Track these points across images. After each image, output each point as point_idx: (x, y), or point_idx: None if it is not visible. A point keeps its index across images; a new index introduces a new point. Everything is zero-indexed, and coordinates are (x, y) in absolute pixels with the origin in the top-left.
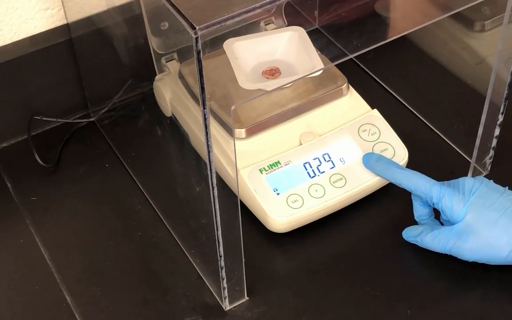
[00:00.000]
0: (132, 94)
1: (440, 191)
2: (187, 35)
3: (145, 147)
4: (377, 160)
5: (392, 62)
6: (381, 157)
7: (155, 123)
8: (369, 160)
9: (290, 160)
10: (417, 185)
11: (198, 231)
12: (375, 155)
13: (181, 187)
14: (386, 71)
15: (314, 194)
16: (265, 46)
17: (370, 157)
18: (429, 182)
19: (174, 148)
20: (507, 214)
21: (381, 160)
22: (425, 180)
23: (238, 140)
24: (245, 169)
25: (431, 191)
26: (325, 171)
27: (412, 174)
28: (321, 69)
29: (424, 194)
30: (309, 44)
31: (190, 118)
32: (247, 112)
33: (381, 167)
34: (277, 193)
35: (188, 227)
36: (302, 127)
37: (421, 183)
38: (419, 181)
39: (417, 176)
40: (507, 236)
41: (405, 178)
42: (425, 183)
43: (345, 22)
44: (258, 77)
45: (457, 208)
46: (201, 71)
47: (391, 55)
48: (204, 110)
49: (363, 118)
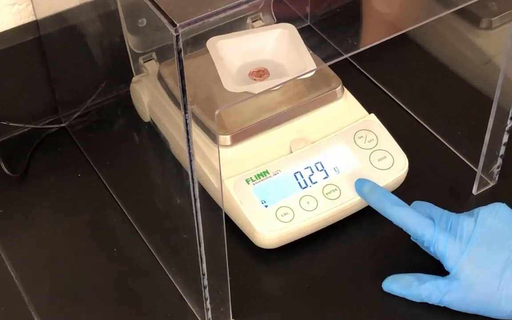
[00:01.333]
0: (107, 97)
1: (433, 236)
2: (167, 32)
3: (121, 155)
4: (370, 190)
5: (391, 63)
6: (374, 187)
7: (132, 129)
8: (362, 188)
9: (280, 170)
10: (408, 225)
11: (179, 247)
12: (368, 184)
13: (160, 199)
14: (385, 72)
15: (306, 207)
16: (252, 44)
17: (362, 185)
18: (421, 223)
19: (153, 156)
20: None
21: (374, 191)
22: (417, 220)
23: (222, 147)
24: (231, 179)
25: (423, 234)
26: (318, 182)
27: (405, 212)
28: (313, 70)
29: (415, 235)
30: (300, 42)
31: (170, 124)
32: (233, 117)
33: (373, 198)
34: (265, 205)
35: (168, 243)
36: (292, 133)
37: (412, 223)
38: (410, 221)
39: (409, 214)
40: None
41: (396, 215)
42: (416, 224)
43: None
44: (244, 79)
45: (452, 257)
46: (182, 72)
47: (390, 55)
48: (185, 115)
49: (359, 123)
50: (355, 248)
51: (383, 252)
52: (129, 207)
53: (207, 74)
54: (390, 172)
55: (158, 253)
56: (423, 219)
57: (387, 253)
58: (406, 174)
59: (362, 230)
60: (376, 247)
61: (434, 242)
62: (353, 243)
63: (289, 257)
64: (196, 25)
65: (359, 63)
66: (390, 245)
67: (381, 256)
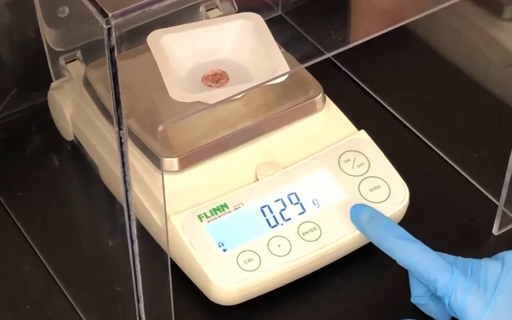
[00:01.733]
0: (17, 108)
1: (451, 282)
2: (95, 25)
3: (37, 185)
4: (369, 219)
5: (387, 64)
6: (375, 215)
7: (50, 150)
8: (359, 216)
9: (242, 203)
10: (418, 265)
11: (111, 303)
12: (368, 211)
13: (87, 241)
14: (378, 76)
15: (276, 251)
16: (206, 40)
17: (360, 212)
18: (436, 264)
19: (77, 185)
20: None
21: (374, 220)
22: (431, 258)
23: (168, 173)
24: (178, 215)
25: (436, 279)
26: (292, 219)
27: (414, 248)
28: (286, 74)
29: (426, 280)
30: (269, 37)
31: (100, 143)
32: (181, 134)
33: (373, 230)
34: (224, 249)
35: (96, 298)
36: (259, 155)
37: (423, 262)
38: (422, 259)
39: (421, 251)
40: None
41: (403, 251)
42: (429, 263)
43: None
44: (196, 85)
45: (474, 311)
46: (116, 76)
47: (385, 54)
48: (119, 132)
49: (346, 142)
50: (339, 305)
51: (376, 310)
52: (47, 252)
53: (148, 79)
54: (385, 206)
55: (84, 311)
56: (439, 259)
57: (381, 311)
58: (406, 209)
59: (350, 281)
60: (368, 306)
61: (451, 291)
62: (337, 299)
63: (253, 318)
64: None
65: (345, 65)
66: (387, 303)
67: (373, 315)
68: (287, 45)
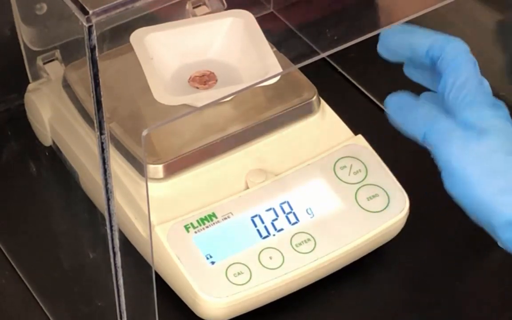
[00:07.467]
0: None
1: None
2: (75, 23)
3: (12, 193)
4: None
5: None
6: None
7: (27, 156)
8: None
9: (232, 212)
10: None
11: (92, 319)
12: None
13: (66, 252)
14: (376, 78)
15: (268, 264)
16: (193, 39)
17: None
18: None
19: (56, 193)
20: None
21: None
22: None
23: (152, 181)
24: (164, 226)
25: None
26: (284, 229)
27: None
28: (278, 75)
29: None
30: (260, 36)
31: (81, 149)
32: (167, 139)
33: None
34: (212, 261)
35: (76, 313)
36: (249, 162)
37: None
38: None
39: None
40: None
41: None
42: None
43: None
44: (183, 87)
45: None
46: (97, 78)
47: None
48: (101, 137)
49: (342, 148)
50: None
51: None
52: (23, 264)
53: (131, 80)
54: (384, 215)
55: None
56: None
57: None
58: (407, 218)
59: (345, 295)
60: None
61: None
62: (333, 315)
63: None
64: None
65: (341, 66)
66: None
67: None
68: (279, 45)
